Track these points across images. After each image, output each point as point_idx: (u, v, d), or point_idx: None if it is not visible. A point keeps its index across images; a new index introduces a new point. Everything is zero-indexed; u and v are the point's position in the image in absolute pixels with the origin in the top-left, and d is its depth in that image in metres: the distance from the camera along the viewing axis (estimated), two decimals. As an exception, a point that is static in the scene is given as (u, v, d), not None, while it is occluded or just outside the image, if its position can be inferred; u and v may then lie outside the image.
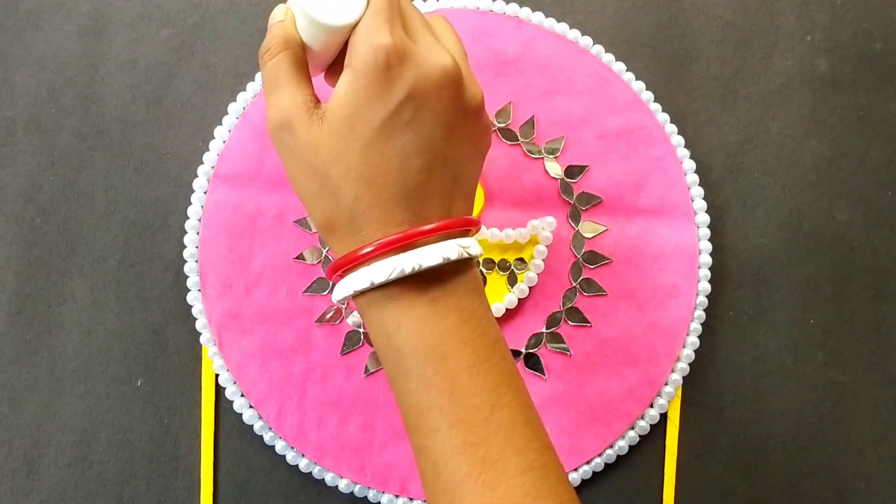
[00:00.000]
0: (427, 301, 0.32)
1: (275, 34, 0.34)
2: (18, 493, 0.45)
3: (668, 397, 0.45)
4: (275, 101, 0.33)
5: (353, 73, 0.32)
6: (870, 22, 0.48)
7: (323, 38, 0.34)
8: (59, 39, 0.47)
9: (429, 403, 0.31)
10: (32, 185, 0.46)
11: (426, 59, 0.32)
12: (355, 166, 0.32)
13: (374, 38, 0.31)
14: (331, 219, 0.33)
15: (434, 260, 0.32)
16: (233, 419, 0.46)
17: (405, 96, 0.31)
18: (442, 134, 0.32)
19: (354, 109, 0.32)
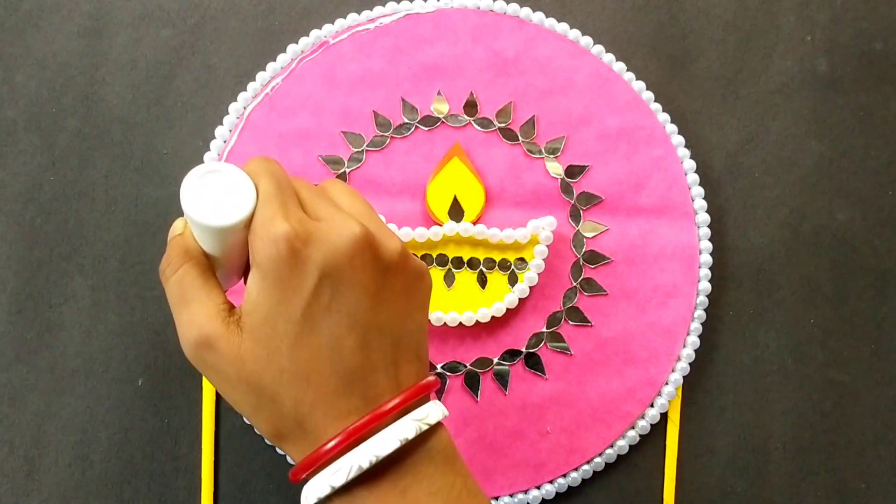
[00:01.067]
0: (398, 493, 0.30)
1: (173, 248, 0.32)
2: (19, 492, 0.45)
3: (668, 397, 0.45)
4: (186, 319, 0.31)
5: (260, 271, 0.30)
6: (870, 22, 0.48)
7: (219, 242, 0.32)
8: (59, 39, 0.47)
9: None
10: (33, 185, 0.46)
11: (330, 232, 0.30)
12: (287, 368, 0.30)
13: (272, 229, 0.30)
14: (277, 428, 0.31)
15: (391, 446, 0.29)
16: (233, 419, 0.46)
17: (318, 279, 0.29)
18: (368, 304, 0.30)
19: (270, 308, 0.30)
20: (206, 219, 0.31)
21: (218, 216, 0.31)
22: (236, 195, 0.31)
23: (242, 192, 0.31)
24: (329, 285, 0.30)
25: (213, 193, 0.31)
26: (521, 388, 0.45)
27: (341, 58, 0.46)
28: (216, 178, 0.31)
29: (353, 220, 0.31)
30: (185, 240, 0.33)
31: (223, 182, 0.31)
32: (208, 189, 0.31)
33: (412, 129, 0.46)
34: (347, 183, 0.35)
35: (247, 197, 0.31)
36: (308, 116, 0.46)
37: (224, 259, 0.33)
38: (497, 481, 0.45)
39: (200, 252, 0.33)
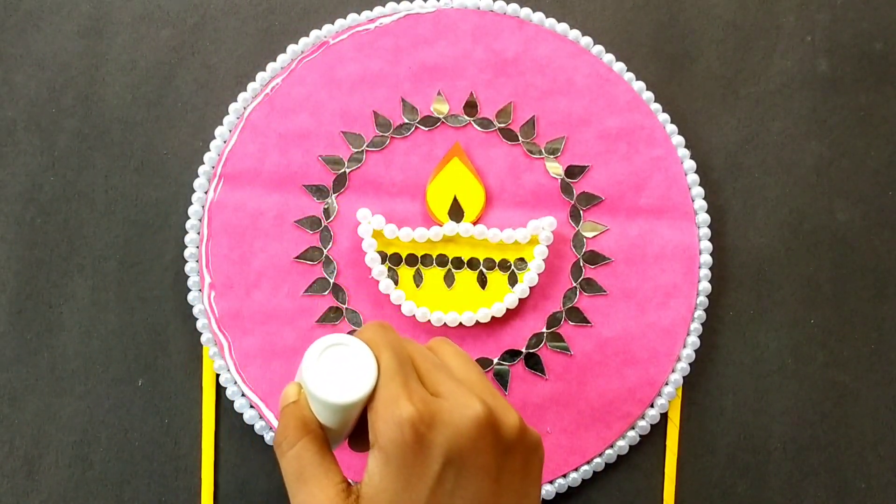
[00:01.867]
0: None
1: (290, 419, 0.32)
2: (19, 492, 0.45)
3: (668, 397, 0.45)
4: (304, 499, 0.31)
5: (383, 455, 0.29)
6: (870, 22, 0.48)
7: (339, 417, 0.32)
8: (59, 39, 0.47)
9: None
10: (33, 185, 0.46)
11: (453, 414, 0.30)
12: None
13: (396, 412, 0.29)
14: None
15: None
16: (233, 419, 0.46)
17: (443, 464, 0.29)
18: (490, 488, 0.30)
19: (395, 495, 0.29)
20: (330, 396, 0.31)
21: (342, 393, 0.31)
22: (358, 369, 0.31)
23: (364, 367, 0.31)
24: (453, 471, 0.29)
25: (335, 367, 0.31)
26: (521, 388, 0.45)
27: (341, 58, 0.46)
28: (338, 351, 0.31)
29: (475, 399, 0.30)
30: (301, 410, 0.32)
31: (345, 356, 0.31)
32: (330, 362, 0.31)
33: (412, 130, 0.46)
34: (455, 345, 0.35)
35: (369, 372, 0.31)
36: (308, 117, 0.46)
37: (339, 429, 0.33)
38: (497, 481, 0.45)
39: (317, 424, 0.32)
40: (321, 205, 0.45)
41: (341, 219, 0.45)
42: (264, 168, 0.45)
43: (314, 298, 0.45)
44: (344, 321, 0.45)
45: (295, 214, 0.45)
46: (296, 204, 0.45)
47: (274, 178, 0.45)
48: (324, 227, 0.45)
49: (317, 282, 0.45)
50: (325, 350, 0.31)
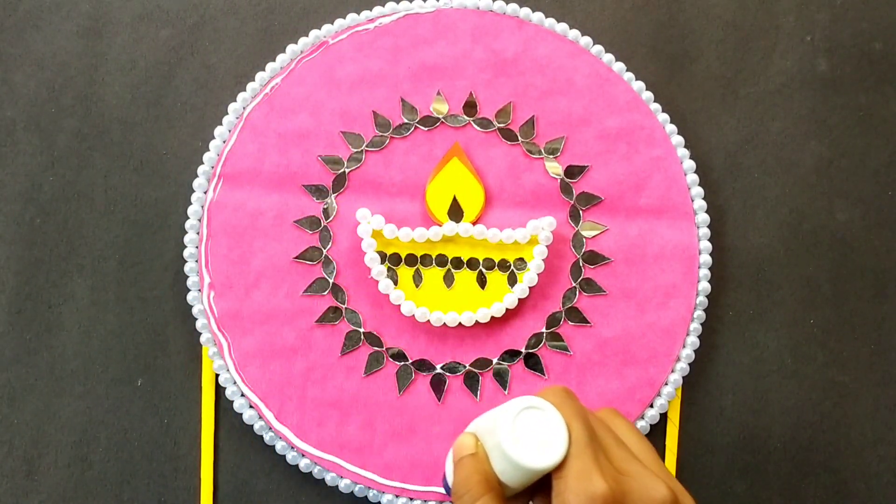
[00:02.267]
0: None
1: (471, 472, 0.32)
2: (18, 493, 0.45)
3: (668, 397, 0.45)
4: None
5: None
6: (870, 22, 0.48)
7: (525, 479, 0.32)
8: (59, 39, 0.47)
9: None
10: (32, 185, 0.46)
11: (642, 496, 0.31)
12: None
13: (590, 487, 0.30)
14: None
15: None
16: (233, 419, 0.46)
17: None
18: None
19: None
20: (524, 459, 0.31)
21: (536, 458, 0.31)
22: (550, 435, 0.32)
23: (556, 433, 0.32)
24: None
25: (529, 430, 0.32)
26: (521, 388, 0.45)
27: (341, 58, 0.46)
28: (532, 414, 0.32)
29: (661, 483, 0.31)
30: (482, 464, 0.32)
31: (538, 419, 0.32)
32: (524, 425, 0.32)
33: (412, 130, 0.46)
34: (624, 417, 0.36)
35: (560, 439, 0.31)
36: (307, 116, 0.46)
37: (517, 489, 0.33)
38: (497, 481, 0.45)
39: (497, 481, 0.32)
40: (320, 205, 0.45)
41: (341, 219, 0.45)
42: (264, 168, 0.45)
43: (313, 298, 0.45)
44: (343, 321, 0.45)
45: (294, 214, 0.45)
46: (295, 204, 0.45)
47: (273, 178, 0.45)
48: (323, 227, 0.45)
49: (316, 282, 0.45)
50: (521, 412, 0.32)
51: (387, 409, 0.45)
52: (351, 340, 0.45)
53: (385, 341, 0.45)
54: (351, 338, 0.45)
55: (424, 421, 0.45)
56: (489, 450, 0.33)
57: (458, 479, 0.33)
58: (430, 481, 0.44)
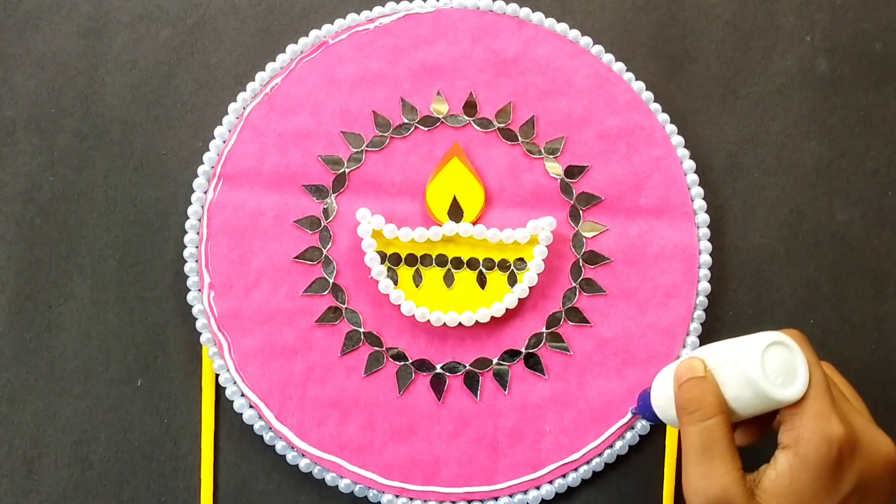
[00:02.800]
0: None
1: (704, 392, 0.33)
2: (18, 493, 0.45)
3: (668, 397, 0.45)
4: (707, 472, 0.32)
5: (801, 462, 0.31)
6: (870, 22, 0.48)
7: (760, 408, 0.33)
8: (59, 39, 0.47)
9: None
10: (32, 185, 0.46)
11: (871, 448, 0.32)
12: None
13: (827, 429, 0.31)
14: None
15: None
16: (233, 419, 0.46)
17: (853, 488, 0.31)
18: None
19: (800, 500, 0.31)
20: (770, 389, 0.32)
21: (781, 390, 0.33)
22: (793, 372, 0.33)
23: (798, 372, 0.33)
24: (857, 497, 0.32)
25: (774, 364, 0.33)
26: (521, 388, 0.45)
27: (341, 58, 0.46)
28: (779, 350, 0.33)
29: (889, 439, 0.33)
30: (715, 389, 0.33)
31: (783, 356, 0.33)
32: (771, 358, 0.33)
33: (412, 130, 0.46)
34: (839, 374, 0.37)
35: (801, 377, 0.33)
36: (307, 116, 0.46)
37: (745, 416, 0.34)
38: (497, 481, 0.45)
39: (728, 408, 0.33)
40: (321, 205, 0.45)
41: (341, 219, 0.45)
42: (264, 168, 0.45)
43: (313, 298, 0.45)
44: (343, 321, 0.45)
45: (294, 214, 0.45)
46: (295, 204, 0.45)
47: (273, 178, 0.45)
48: (323, 227, 0.45)
49: (316, 282, 0.45)
50: (770, 345, 0.33)
51: (387, 409, 0.45)
52: (351, 340, 0.45)
53: (385, 341, 0.45)
54: (351, 338, 0.45)
55: (424, 421, 0.45)
56: (724, 376, 0.33)
57: (688, 397, 0.33)
58: (430, 481, 0.44)
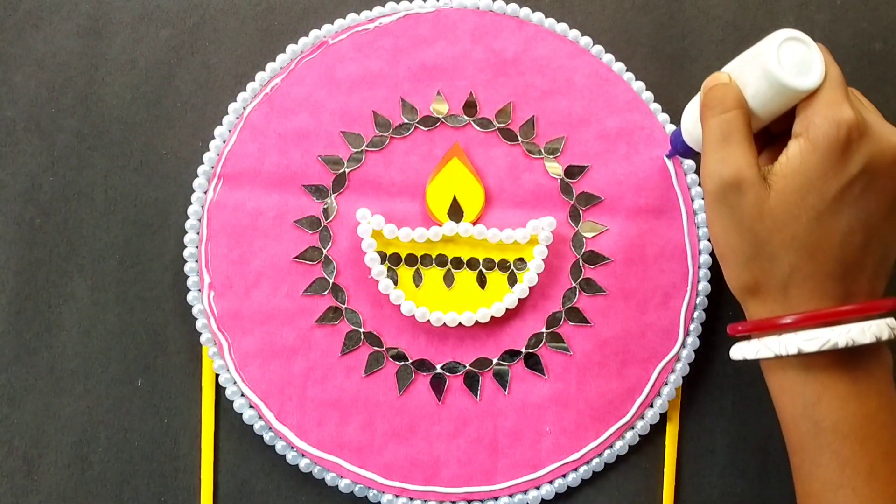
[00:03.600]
0: (850, 380, 0.33)
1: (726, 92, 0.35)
2: (18, 493, 0.45)
3: (668, 397, 0.45)
4: (724, 157, 0.33)
5: (811, 145, 0.32)
6: (870, 22, 0.48)
7: (775, 103, 0.34)
8: (59, 39, 0.47)
9: (841, 481, 0.32)
10: (32, 185, 0.46)
11: (881, 135, 0.33)
12: (800, 236, 0.32)
13: (837, 113, 0.32)
14: (759, 282, 0.34)
15: (866, 338, 0.32)
16: (233, 419, 0.46)
17: (859, 171, 0.32)
18: (884, 211, 0.33)
19: (808, 181, 0.32)
20: (785, 78, 0.33)
21: (796, 79, 0.33)
22: (808, 66, 0.34)
23: (814, 66, 0.34)
24: (863, 181, 0.32)
25: (790, 58, 0.34)
26: (521, 388, 0.45)
27: (341, 58, 0.46)
28: (794, 45, 0.34)
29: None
30: (736, 90, 0.35)
31: (799, 51, 0.34)
32: (787, 52, 0.34)
33: (412, 130, 0.46)
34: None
35: (817, 70, 0.34)
36: (307, 116, 0.46)
37: (765, 117, 0.35)
38: (497, 481, 0.45)
39: (747, 106, 0.35)
40: (320, 205, 0.45)
41: (341, 219, 0.45)
42: (263, 168, 0.45)
43: (313, 298, 0.45)
44: (343, 321, 0.45)
45: (294, 214, 0.45)
46: (295, 204, 0.45)
47: (273, 178, 0.45)
48: (323, 227, 0.45)
49: (316, 282, 0.45)
50: (786, 40, 0.34)
51: (387, 409, 0.45)
52: (351, 340, 0.45)
53: (385, 341, 0.45)
54: (351, 338, 0.45)
55: (424, 421, 0.45)
56: (744, 76, 0.35)
57: (710, 96, 0.35)
58: (430, 481, 0.44)
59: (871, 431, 0.32)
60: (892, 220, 0.33)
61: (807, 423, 0.33)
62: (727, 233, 0.34)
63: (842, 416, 0.32)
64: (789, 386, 0.34)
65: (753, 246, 0.33)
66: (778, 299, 0.34)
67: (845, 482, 0.32)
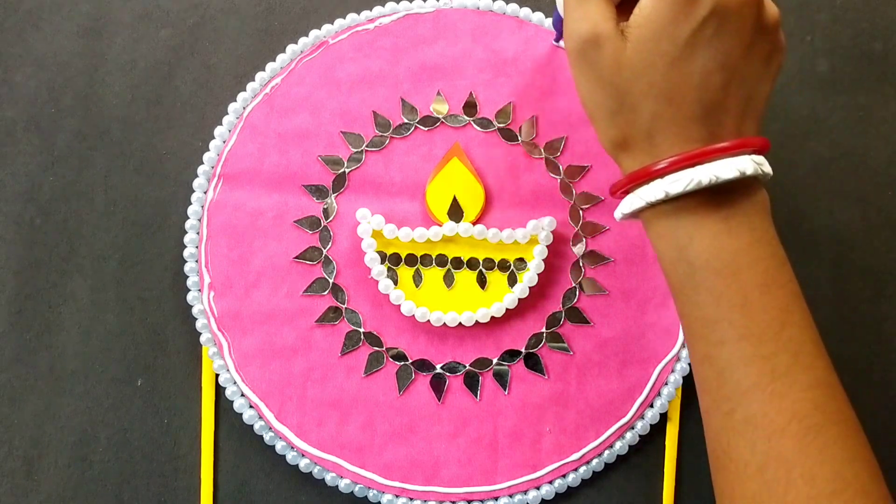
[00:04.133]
0: (720, 218, 0.33)
1: None
2: (18, 493, 0.45)
3: (668, 397, 0.45)
4: (581, 14, 0.33)
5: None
6: (870, 22, 0.48)
7: None
8: (59, 39, 0.47)
9: (718, 315, 0.32)
10: (32, 185, 0.46)
11: None
12: (658, 83, 0.32)
13: None
14: (626, 135, 0.34)
15: (730, 173, 0.32)
16: (233, 419, 0.46)
17: (709, 12, 0.32)
18: (740, 51, 0.33)
19: (660, 27, 0.32)
20: None
21: None
22: None
23: None
24: (715, 22, 0.32)
25: None
26: (521, 388, 0.45)
27: (341, 58, 0.46)
28: None
29: None
30: None
31: None
32: None
33: (412, 130, 0.46)
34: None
35: None
36: (307, 116, 0.46)
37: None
38: (497, 481, 0.45)
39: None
40: (320, 205, 0.45)
41: (341, 219, 0.45)
42: (263, 168, 0.45)
43: (313, 298, 0.45)
44: (343, 321, 0.45)
45: (294, 214, 0.45)
46: (295, 204, 0.45)
47: (273, 177, 0.45)
48: (323, 227, 0.45)
49: (316, 282, 0.45)
50: None
51: (387, 409, 0.45)
52: (351, 340, 0.45)
53: (385, 341, 0.45)
54: (351, 338, 0.45)
55: (424, 421, 0.45)
56: None
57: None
58: (430, 481, 0.44)
59: (743, 265, 0.32)
60: (750, 59, 0.33)
61: (682, 265, 0.33)
62: (591, 89, 0.34)
63: (714, 253, 0.33)
64: (664, 232, 0.34)
65: (616, 99, 0.33)
66: (645, 149, 0.34)
67: (721, 316, 0.32)
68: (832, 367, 0.33)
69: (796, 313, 0.33)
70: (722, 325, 0.32)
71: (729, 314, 0.32)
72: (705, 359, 0.33)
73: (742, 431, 0.32)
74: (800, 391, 0.31)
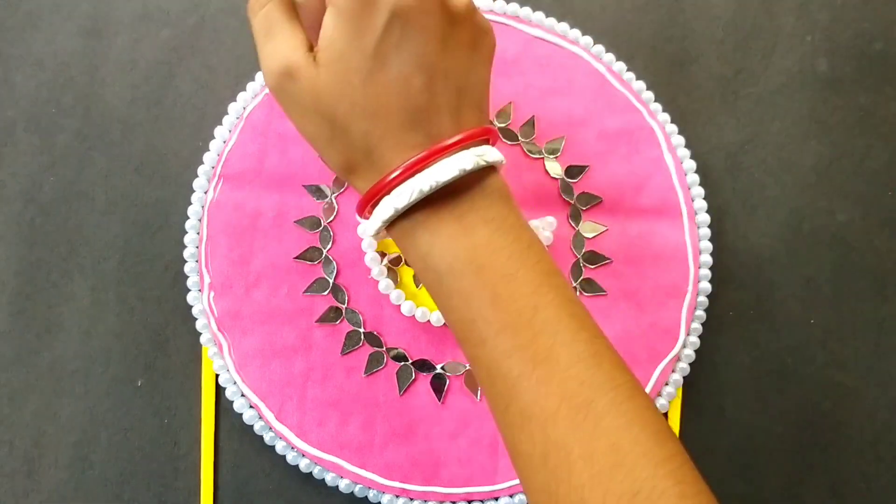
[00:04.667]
0: (454, 218, 0.32)
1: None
2: (18, 493, 0.45)
3: (668, 397, 0.45)
4: (270, 50, 0.33)
5: (335, 9, 0.32)
6: (870, 22, 0.48)
7: None
8: (59, 39, 0.47)
9: (472, 315, 0.32)
10: (32, 185, 0.46)
11: None
12: (359, 101, 0.32)
13: None
14: (348, 159, 0.33)
15: (450, 174, 0.32)
16: (233, 419, 0.46)
17: (389, 17, 0.31)
18: (434, 48, 0.32)
19: (345, 44, 0.32)
20: None
21: None
22: None
23: None
24: (399, 26, 0.31)
25: None
26: (521, 388, 0.45)
27: (341, 58, 0.46)
28: None
29: None
30: None
31: None
32: None
33: (412, 130, 0.46)
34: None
35: None
36: (308, 116, 0.46)
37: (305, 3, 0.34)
38: (497, 481, 0.45)
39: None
40: (321, 204, 0.45)
41: (341, 218, 0.45)
42: (264, 168, 0.45)
43: (314, 298, 0.45)
44: (344, 321, 0.45)
45: (295, 214, 0.45)
46: (295, 204, 0.45)
47: (274, 177, 0.45)
48: (323, 226, 0.45)
49: (316, 282, 0.45)
50: None
51: (387, 409, 0.45)
52: (351, 340, 0.45)
53: (385, 341, 0.45)
54: (351, 338, 0.45)
55: (425, 421, 0.45)
56: None
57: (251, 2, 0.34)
58: (430, 481, 0.44)
59: (484, 260, 0.32)
60: (450, 52, 0.33)
61: (431, 274, 0.33)
62: (301, 122, 0.34)
63: (454, 255, 0.32)
64: (407, 245, 0.33)
65: (326, 126, 0.33)
66: (368, 168, 0.33)
67: (475, 315, 0.32)
68: (601, 334, 0.32)
69: (549, 293, 0.32)
70: (478, 325, 0.32)
71: (481, 312, 0.32)
72: (474, 360, 0.33)
73: (520, 425, 0.31)
74: (563, 371, 0.30)
